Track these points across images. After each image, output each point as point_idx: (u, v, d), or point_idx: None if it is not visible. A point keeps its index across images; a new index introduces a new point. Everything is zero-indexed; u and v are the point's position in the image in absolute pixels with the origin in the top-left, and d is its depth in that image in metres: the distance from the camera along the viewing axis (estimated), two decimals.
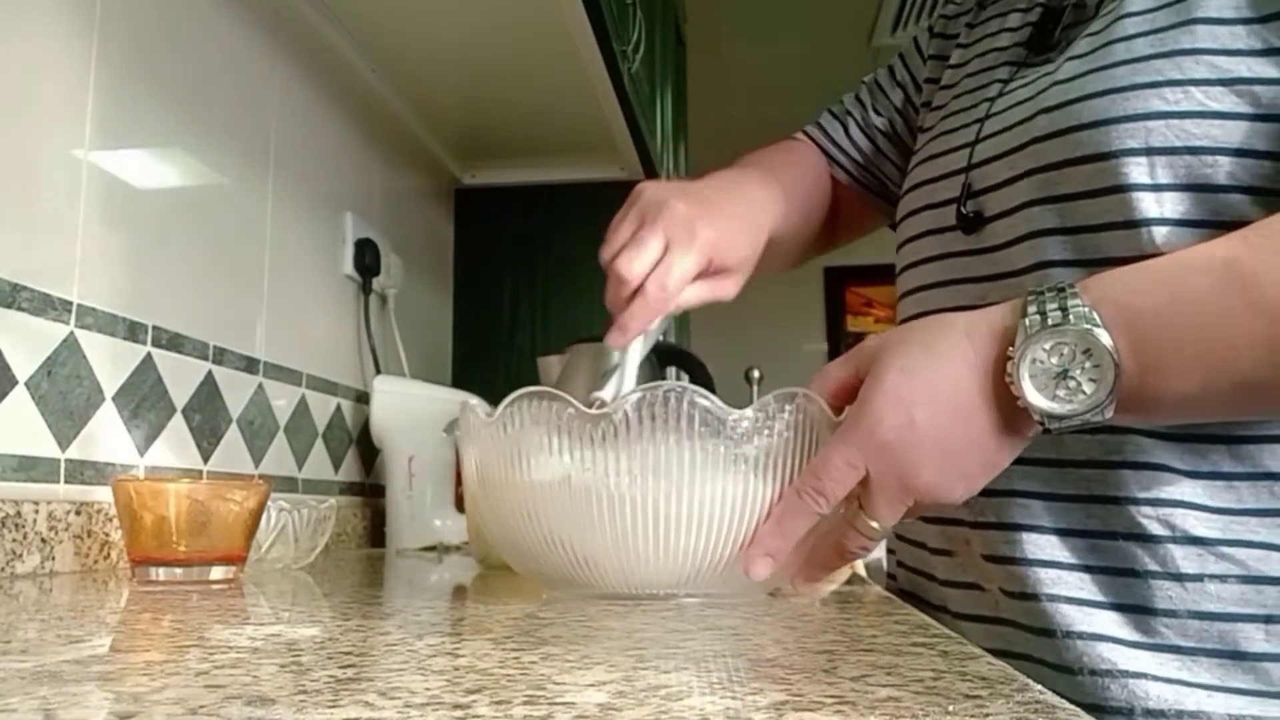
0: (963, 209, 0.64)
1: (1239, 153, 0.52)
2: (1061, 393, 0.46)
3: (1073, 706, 0.27)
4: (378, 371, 1.47)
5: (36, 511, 0.78)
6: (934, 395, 0.48)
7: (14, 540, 0.75)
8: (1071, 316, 0.46)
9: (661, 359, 1.42)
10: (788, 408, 0.53)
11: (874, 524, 0.50)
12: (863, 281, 4.53)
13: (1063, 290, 0.47)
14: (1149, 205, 0.53)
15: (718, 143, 3.91)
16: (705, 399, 0.52)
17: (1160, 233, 0.53)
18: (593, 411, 0.53)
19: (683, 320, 2.39)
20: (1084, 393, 0.46)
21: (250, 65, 1.19)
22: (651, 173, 1.94)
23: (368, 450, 1.45)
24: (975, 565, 0.62)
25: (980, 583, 0.62)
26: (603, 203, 2.09)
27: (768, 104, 3.64)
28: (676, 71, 2.43)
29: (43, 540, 0.78)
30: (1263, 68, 0.52)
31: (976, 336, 0.49)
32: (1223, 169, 0.52)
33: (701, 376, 1.43)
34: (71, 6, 0.87)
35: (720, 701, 0.28)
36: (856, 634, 0.43)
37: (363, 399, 1.45)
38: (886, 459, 0.49)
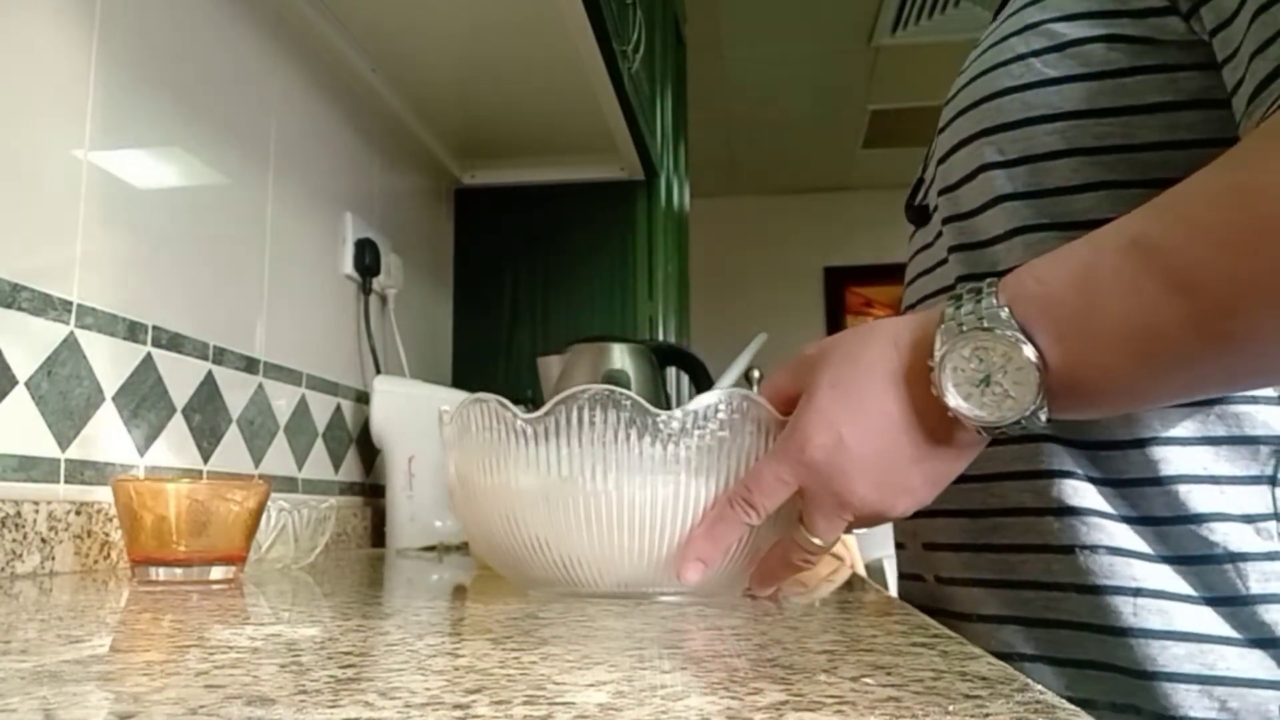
0: (913, 203, 0.67)
1: (1074, 114, 0.52)
2: (988, 399, 0.45)
3: (1073, 706, 0.27)
4: (378, 371, 1.47)
5: (36, 511, 0.78)
6: (862, 412, 0.48)
7: (14, 540, 0.75)
8: (986, 320, 0.45)
9: (661, 359, 1.42)
10: (721, 409, 0.53)
11: (813, 539, 0.51)
12: (863, 281, 4.53)
13: (979, 291, 0.46)
14: (1003, 182, 0.55)
15: (718, 143, 3.93)
16: (631, 399, 0.52)
17: (1015, 208, 0.54)
18: (527, 416, 0.54)
19: (683, 320, 2.39)
20: (1011, 397, 0.44)
21: (250, 65, 1.19)
22: (651, 173, 1.94)
23: (368, 450, 1.45)
24: (920, 557, 0.65)
25: (923, 574, 0.64)
26: (603, 203, 2.10)
27: (768, 104, 3.65)
28: (676, 71, 2.43)
29: (43, 540, 0.78)
30: (1092, 28, 0.52)
31: (902, 346, 0.48)
32: (1062, 135, 0.52)
33: (701, 376, 1.43)
34: (71, 6, 0.87)
35: (720, 701, 0.28)
36: (856, 634, 0.43)
37: (363, 399, 1.45)
38: (818, 477, 0.49)
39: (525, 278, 1.93)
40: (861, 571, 1.04)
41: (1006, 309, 0.44)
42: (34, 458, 0.81)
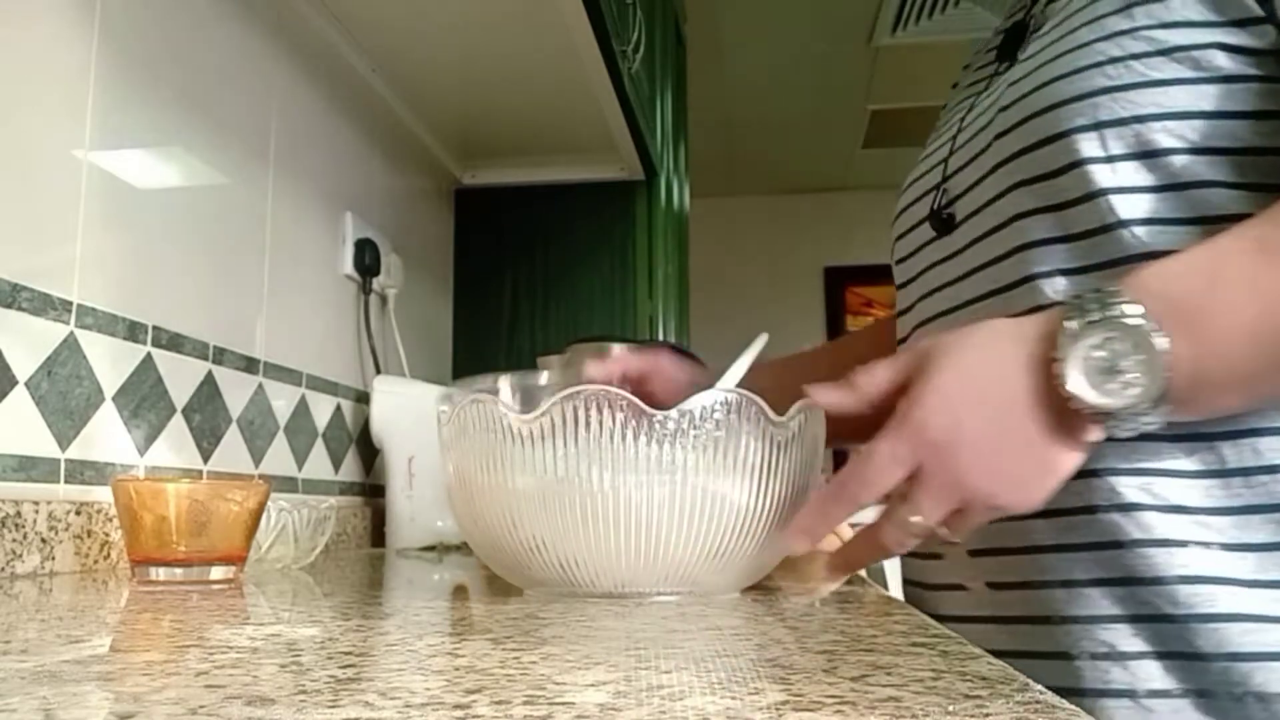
0: (935, 209, 0.67)
1: (1184, 115, 0.54)
2: (1113, 388, 0.46)
3: (1073, 706, 0.27)
4: (378, 371, 1.47)
5: (36, 511, 0.78)
6: (984, 397, 0.49)
7: (14, 540, 0.75)
8: (1116, 314, 0.46)
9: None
10: (718, 409, 0.53)
11: (915, 518, 0.50)
12: (863, 281, 4.52)
13: (1100, 291, 0.47)
14: (1104, 176, 0.55)
15: (718, 143, 3.92)
16: (626, 399, 0.52)
17: (1117, 202, 0.55)
18: (524, 416, 0.54)
19: (683, 320, 2.39)
20: (1136, 387, 0.46)
21: (250, 65, 1.19)
22: (651, 173, 1.94)
23: (368, 450, 1.45)
24: (961, 563, 0.63)
25: (965, 582, 0.63)
26: (603, 203, 2.10)
27: (768, 104, 3.64)
28: (676, 71, 2.43)
29: (43, 540, 0.78)
30: (1194, 36, 0.54)
31: (1027, 338, 0.49)
32: (1171, 132, 0.54)
33: None
34: (71, 6, 0.87)
35: (720, 701, 0.28)
36: (856, 634, 0.43)
37: (363, 399, 1.45)
38: (934, 457, 0.49)
39: (525, 278, 1.93)
40: (862, 571, 1.04)
41: (1139, 305, 0.46)
42: (34, 458, 0.81)
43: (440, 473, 0.62)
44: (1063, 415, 0.48)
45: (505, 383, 0.66)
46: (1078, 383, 0.46)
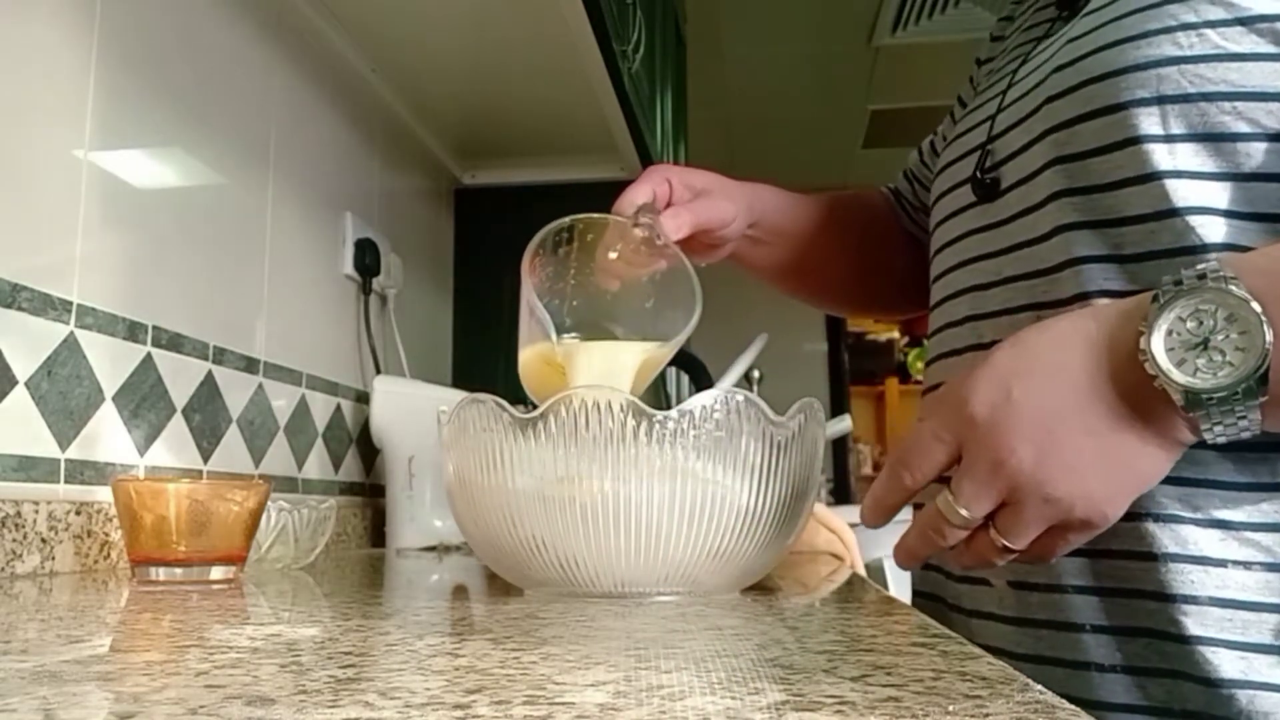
0: (978, 175, 0.60)
1: (1260, 96, 0.48)
2: (1203, 364, 0.40)
3: (1073, 706, 0.27)
4: (378, 371, 1.47)
5: (36, 511, 0.78)
6: (1041, 370, 0.43)
7: (14, 540, 0.75)
8: (1210, 279, 0.41)
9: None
10: (718, 410, 0.53)
11: (961, 510, 0.45)
12: None
13: (1195, 266, 0.42)
14: (1162, 157, 0.49)
15: (718, 143, 3.92)
16: (624, 399, 0.52)
17: (1174, 186, 0.49)
18: (523, 415, 0.54)
19: None
20: (1230, 363, 0.40)
21: (250, 65, 1.19)
22: None
23: (368, 450, 1.45)
24: None
25: (990, 578, 0.59)
26: (603, 203, 2.09)
27: (768, 104, 3.64)
28: (676, 71, 2.43)
29: (43, 540, 0.78)
30: None
31: (1103, 319, 0.44)
32: (1242, 116, 0.48)
33: (701, 376, 1.43)
34: (71, 6, 0.87)
35: (720, 701, 0.28)
36: (856, 634, 0.43)
37: (363, 399, 1.45)
38: (976, 434, 0.44)
39: None
40: (861, 571, 1.04)
41: (1236, 279, 0.41)
42: (34, 458, 0.81)
43: (442, 472, 0.62)
44: (1142, 403, 0.42)
45: None
46: (1159, 355, 0.40)
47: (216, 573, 0.69)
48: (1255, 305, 0.40)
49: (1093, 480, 0.43)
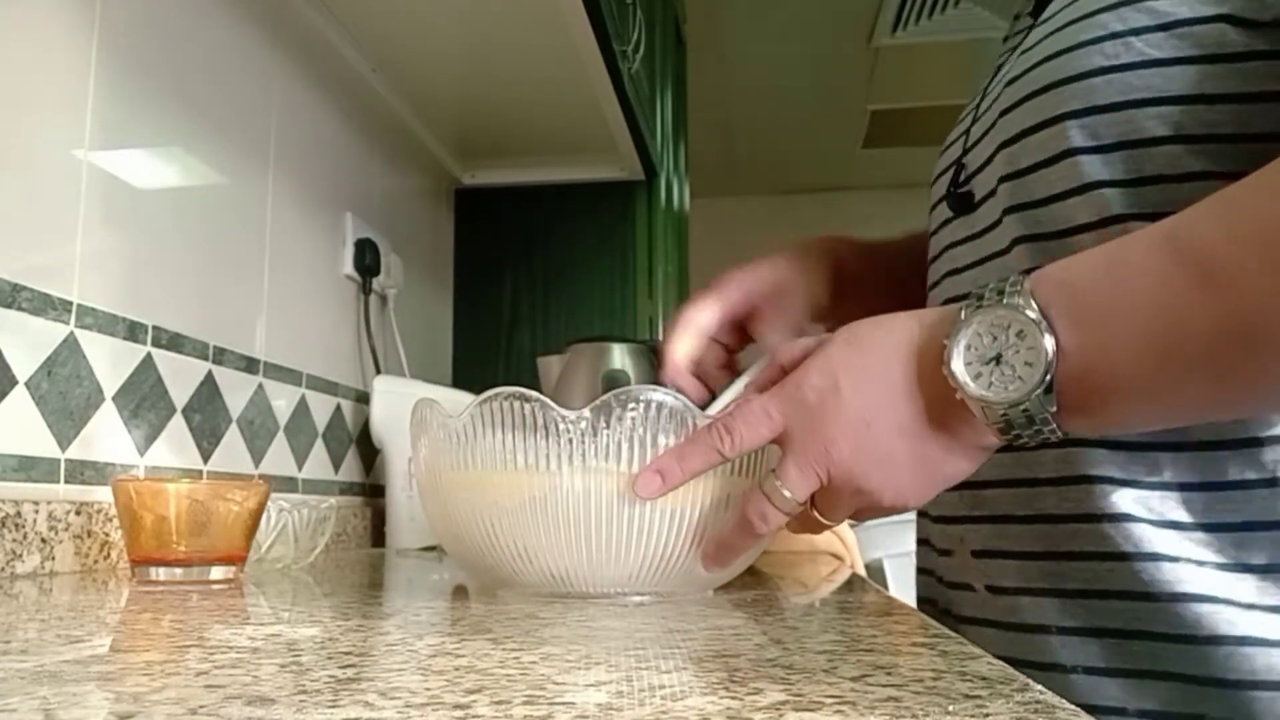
0: (952, 190, 0.62)
1: (1183, 99, 0.48)
2: (995, 379, 0.43)
3: (1073, 706, 0.27)
4: (378, 371, 1.47)
5: (36, 511, 0.78)
6: (865, 367, 0.47)
7: (14, 540, 0.75)
8: (1008, 300, 0.43)
9: (660, 358, 1.41)
10: (630, 407, 0.53)
11: (784, 491, 0.48)
12: None
13: (1006, 278, 0.44)
14: (1097, 168, 0.51)
15: (718, 143, 3.92)
16: (534, 399, 0.53)
17: (1111, 196, 0.50)
18: (457, 417, 0.55)
19: None
20: (1020, 378, 0.42)
21: (250, 65, 1.19)
22: (651, 173, 1.94)
23: (368, 450, 1.45)
24: (966, 563, 0.61)
25: (972, 583, 0.60)
26: (603, 203, 2.10)
27: (768, 104, 3.64)
28: (676, 71, 2.43)
29: (43, 540, 0.78)
30: (1202, 7, 0.48)
31: (925, 323, 0.47)
32: (1167, 120, 0.49)
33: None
34: (71, 6, 0.87)
35: (720, 701, 0.28)
36: (856, 634, 0.43)
37: (363, 399, 1.45)
38: (803, 418, 0.47)
39: (525, 278, 1.93)
40: (861, 571, 1.04)
41: (1030, 292, 0.43)
42: (34, 458, 0.81)
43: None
44: (948, 410, 0.45)
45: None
46: (962, 371, 0.43)
47: (216, 573, 0.69)
48: (1042, 327, 0.42)
49: (903, 476, 0.47)
